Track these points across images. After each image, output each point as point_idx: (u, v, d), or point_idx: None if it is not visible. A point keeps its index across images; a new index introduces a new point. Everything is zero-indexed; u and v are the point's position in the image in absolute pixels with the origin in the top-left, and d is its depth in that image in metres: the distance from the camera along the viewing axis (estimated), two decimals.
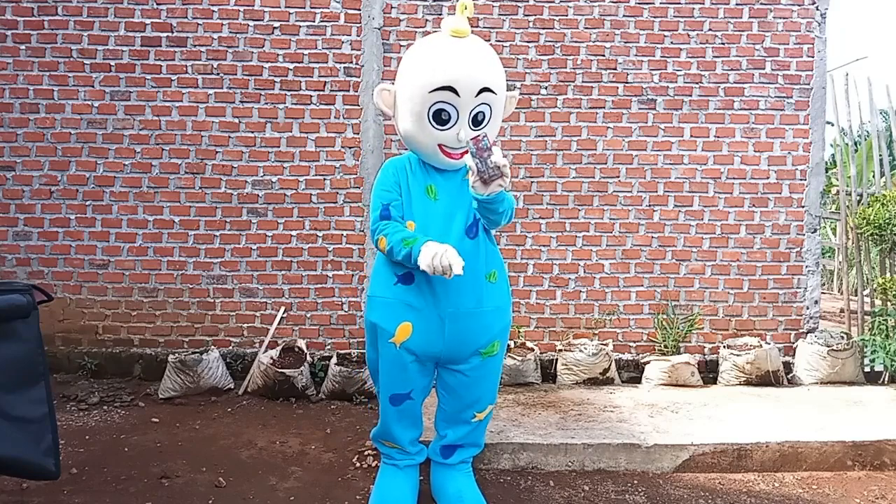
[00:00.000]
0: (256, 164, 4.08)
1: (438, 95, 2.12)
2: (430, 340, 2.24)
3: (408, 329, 2.22)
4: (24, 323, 1.90)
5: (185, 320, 4.09)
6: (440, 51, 2.14)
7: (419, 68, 2.16)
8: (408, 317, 2.23)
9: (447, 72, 2.10)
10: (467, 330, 2.25)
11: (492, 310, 2.29)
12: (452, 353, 2.28)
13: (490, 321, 2.29)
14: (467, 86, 2.10)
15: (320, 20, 4.06)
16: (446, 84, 2.09)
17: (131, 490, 2.52)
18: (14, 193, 4.05)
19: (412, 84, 2.17)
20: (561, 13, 4.08)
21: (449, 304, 2.21)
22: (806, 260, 4.14)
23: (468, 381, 2.34)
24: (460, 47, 2.14)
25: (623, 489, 2.64)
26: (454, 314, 2.22)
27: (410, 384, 2.31)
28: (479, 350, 2.30)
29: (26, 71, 4.02)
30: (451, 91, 2.10)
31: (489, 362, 2.34)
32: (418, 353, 2.26)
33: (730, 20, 4.09)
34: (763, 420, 3.17)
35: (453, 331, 2.23)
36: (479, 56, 2.15)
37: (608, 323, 4.14)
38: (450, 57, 2.12)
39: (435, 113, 2.15)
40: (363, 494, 2.52)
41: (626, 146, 4.12)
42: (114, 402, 3.56)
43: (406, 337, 2.23)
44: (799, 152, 4.12)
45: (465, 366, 2.32)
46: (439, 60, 2.12)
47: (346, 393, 3.64)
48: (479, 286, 2.26)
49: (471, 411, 2.40)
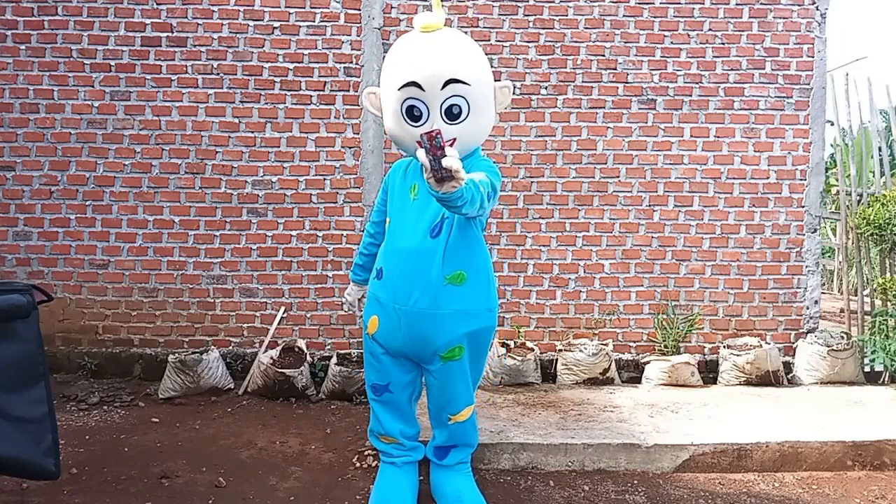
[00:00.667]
0: (256, 164, 4.08)
1: (406, 92, 2.12)
2: (392, 335, 2.32)
3: (375, 322, 2.36)
4: (24, 323, 1.91)
5: (185, 320, 4.09)
6: (407, 48, 2.16)
7: (391, 67, 2.19)
8: (375, 310, 2.36)
9: (410, 67, 2.11)
10: (423, 330, 2.24)
11: (451, 313, 2.22)
12: (413, 351, 2.32)
13: (449, 324, 2.23)
14: (430, 80, 2.08)
15: (320, 20, 4.06)
16: (410, 80, 2.10)
17: (131, 490, 2.52)
18: (14, 193, 4.05)
19: (385, 84, 2.21)
20: (561, 13, 4.08)
21: (402, 301, 2.25)
22: (806, 260, 4.14)
23: (437, 383, 2.37)
24: (425, 42, 2.13)
25: (623, 489, 2.64)
26: (407, 312, 2.25)
27: (387, 376, 2.40)
28: (438, 353, 2.26)
29: (26, 71, 4.02)
30: (416, 87, 2.09)
31: (452, 367, 2.29)
32: (385, 346, 2.36)
33: (730, 20, 4.09)
34: (763, 420, 3.17)
35: (408, 329, 2.26)
36: (442, 48, 2.11)
37: (608, 323, 4.14)
38: (413, 52, 2.13)
39: (407, 110, 2.16)
40: (363, 494, 2.52)
41: (626, 146, 4.12)
42: (114, 402, 3.56)
43: (374, 329, 2.36)
44: (799, 152, 4.12)
45: (430, 366, 2.34)
46: (404, 57, 2.15)
47: (346, 393, 3.64)
48: (434, 287, 2.20)
49: (445, 413, 2.41)
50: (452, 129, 2.15)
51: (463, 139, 2.19)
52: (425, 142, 1.71)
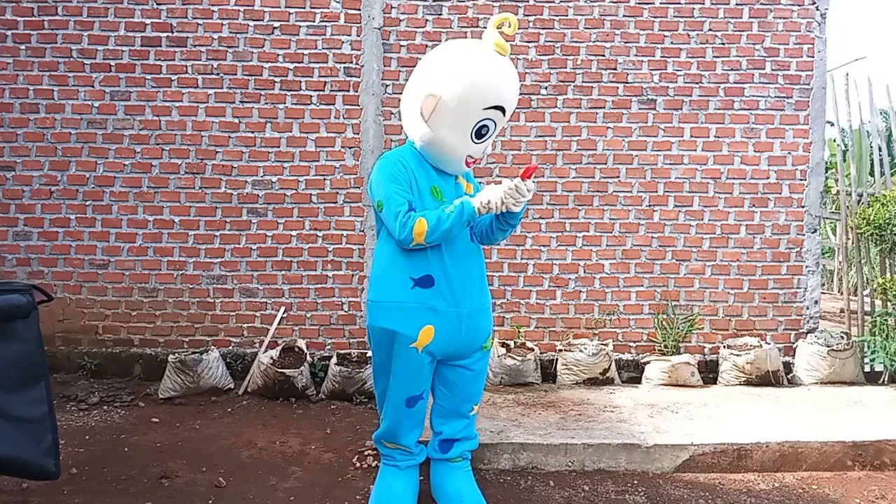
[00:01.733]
0: (256, 164, 4.08)
1: (490, 113, 2.17)
2: (450, 340, 2.29)
3: (430, 332, 2.22)
4: (24, 323, 1.91)
5: (185, 320, 4.09)
6: (492, 68, 2.15)
7: (471, 83, 2.11)
8: (430, 320, 2.22)
9: (501, 92, 2.17)
10: (478, 326, 2.36)
11: (489, 306, 2.45)
12: (464, 349, 2.35)
13: (490, 317, 2.46)
14: (511, 106, 2.23)
15: (320, 20, 4.06)
16: (500, 104, 2.17)
17: (131, 490, 2.52)
18: (14, 193, 4.05)
19: (462, 97, 2.11)
20: (561, 13, 4.08)
21: (466, 303, 2.29)
22: (806, 260, 4.14)
23: (471, 375, 2.40)
24: (508, 67, 2.20)
25: (623, 489, 2.64)
26: (469, 313, 2.31)
27: (424, 384, 2.34)
28: (482, 344, 2.41)
29: (26, 71, 4.02)
30: (501, 111, 2.19)
31: (486, 355, 2.48)
32: (436, 354, 2.29)
33: (730, 20, 4.09)
34: (763, 420, 3.17)
35: (469, 328, 2.32)
36: (517, 77, 2.26)
37: (608, 323, 4.14)
38: (502, 76, 2.17)
39: (480, 128, 2.21)
40: (363, 494, 2.52)
41: (626, 146, 4.12)
42: (114, 402, 3.56)
43: (429, 340, 2.23)
44: (799, 152, 4.12)
45: (468, 360, 2.38)
46: (493, 78, 2.15)
47: (346, 393, 3.64)
48: (483, 284, 2.41)
49: (469, 405, 2.46)
50: (478, 148, 2.28)
51: (479, 154, 2.33)
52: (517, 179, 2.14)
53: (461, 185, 2.41)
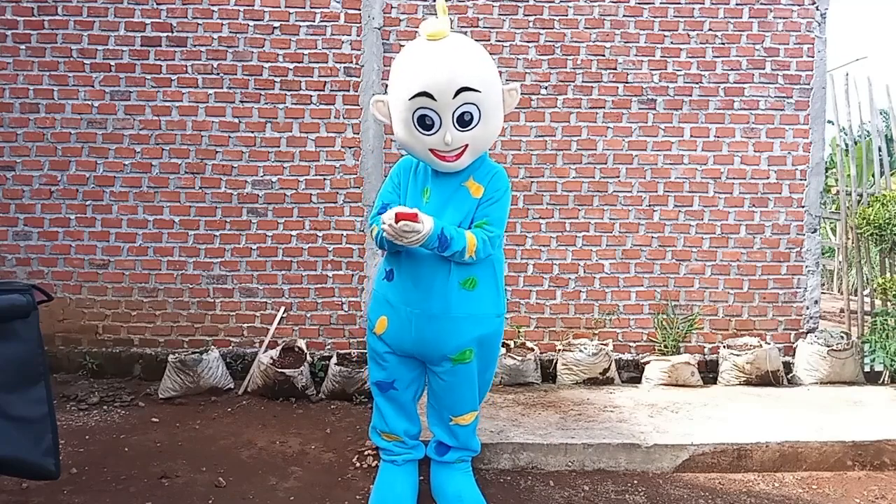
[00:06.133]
0: (256, 164, 4.08)
1: (418, 102, 2.12)
2: (401, 337, 2.33)
3: (384, 323, 2.36)
4: (24, 323, 1.90)
5: (185, 320, 4.09)
6: (416, 56, 2.15)
7: (399, 76, 2.18)
8: (385, 311, 2.35)
9: (420, 77, 2.10)
10: (436, 333, 2.27)
11: (463, 317, 2.26)
12: (423, 352, 2.34)
13: (461, 328, 2.27)
14: (442, 89, 2.08)
15: (320, 20, 4.06)
16: (421, 90, 2.09)
17: (131, 490, 2.52)
18: (14, 193, 4.05)
19: (395, 93, 2.19)
20: (561, 13, 4.08)
21: (416, 305, 2.27)
22: (806, 260, 4.14)
23: (444, 385, 2.38)
24: (434, 50, 2.12)
25: (623, 489, 2.64)
26: (420, 315, 2.27)
27: (393, 374, 2.41)
28: (448, 355, 2.30)
29: (26, 71, 4.02)
30: (428, 97, 2.09)
31: (461, 369, 2.33)
32: (392, 347, 2.37)
33: (730, 20, 4.09)
34: (763, 420, 3.17)
35: (420, 332, 2.28)
36: (452, 57, 2.11)
37: (608, 323, 4.14)
38: (423, 62, 2.12)
39: (419, 119, 2.15)
40: (363, 494, 2.52)
41: (626, 146, 4.12)
42: (114, 401, 3.56)
43: (383, 330, 2.37)
44: (799, 152, 4.12)
45: (438, 368, 2.36)
46: (414, 66, 2.13)
47: (346, 393, 3.64)
48: (447, 292, 2.24)
49: (447, 413, 2.43)
50: (464, 136, 2.17)
51: (474, 145, 2.22)
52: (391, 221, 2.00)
53: (465, 189, 2.30)
